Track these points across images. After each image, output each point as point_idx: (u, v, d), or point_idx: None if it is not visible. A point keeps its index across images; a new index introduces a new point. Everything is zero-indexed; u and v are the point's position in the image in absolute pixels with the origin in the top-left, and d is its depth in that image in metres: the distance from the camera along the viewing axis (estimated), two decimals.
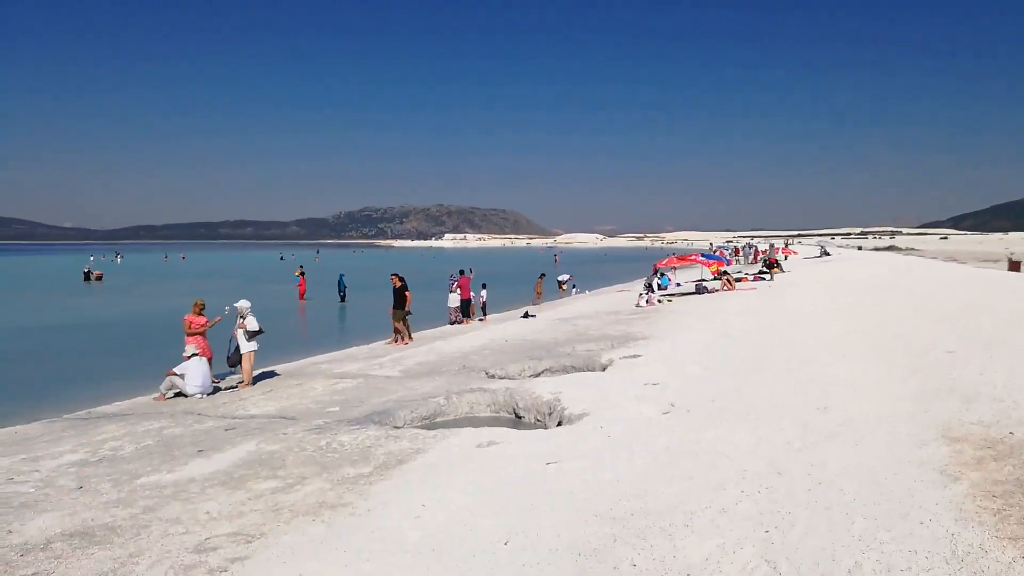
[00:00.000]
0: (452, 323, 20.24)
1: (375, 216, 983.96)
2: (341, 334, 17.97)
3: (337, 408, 9.12)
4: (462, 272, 22.14)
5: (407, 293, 16.22)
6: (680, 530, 4.53)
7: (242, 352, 11.20)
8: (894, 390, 8.19)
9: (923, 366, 9.47)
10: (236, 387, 11.13)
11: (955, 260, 50.97)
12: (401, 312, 16.14)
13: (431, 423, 8.61)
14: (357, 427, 7.77)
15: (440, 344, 15.02)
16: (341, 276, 31.13)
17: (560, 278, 34.42)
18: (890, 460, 5.65)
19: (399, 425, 8.23)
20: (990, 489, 4.90)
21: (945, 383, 8.35)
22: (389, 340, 16.32)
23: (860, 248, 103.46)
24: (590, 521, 4.77)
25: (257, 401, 9.89)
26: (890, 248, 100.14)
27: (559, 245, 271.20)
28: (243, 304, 11.32)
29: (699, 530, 4.50)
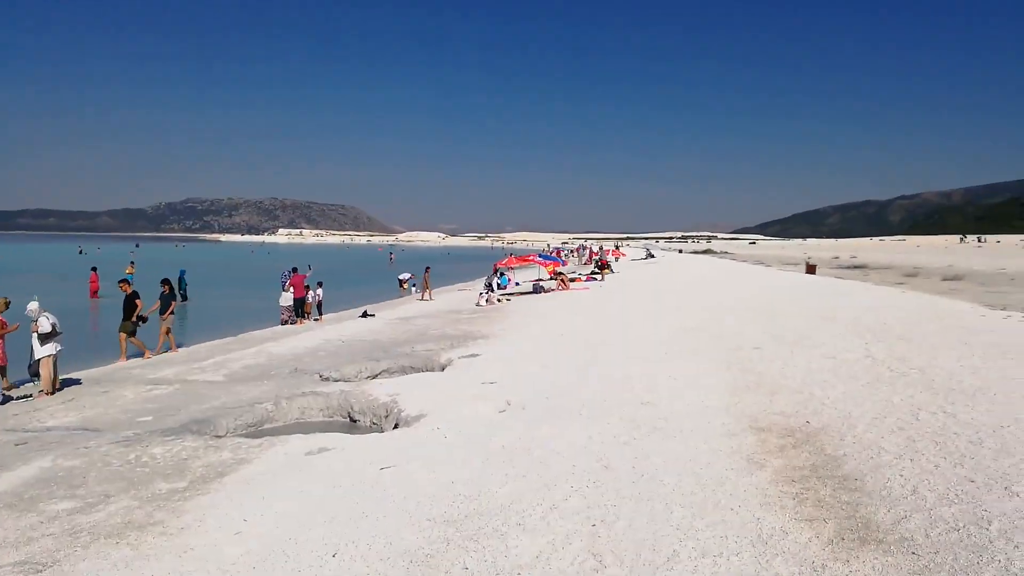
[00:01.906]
0: (284, 323, 19.30)
1: (200, 208, 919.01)
2: (182, 337, 16.50)
3: (150, 417, 8.33)
4: (295, 269, 21.19)
5: (137, 301, 13.51)
6: (512, 529, 4.55)
7: (36, 358, 9.96)
8: (710, 384, 8.82)
9: (735, 362, 10.29)
10: (31, 396, 9.87)
11: (762, 263, 56.28)
12: (128, 324, 13.40)
13: (257, 431, 8.10)
14: (172, 438, 7.14)
15: (270, 346, 14.25)
16: (182, 272, 28.45)
17: (401, 277, 34.01)
18: (705, 451, 6.05)
19: (221, 434, 7.67)
20: (790, 475, 5.37)
21: (753, 377, 9.11)
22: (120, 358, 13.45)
23: (681, 251, 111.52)
24: (424, 526, 4.68)
25: (55, 411, 8.82)
26: (707, 251, 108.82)
27: (402, 243, 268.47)
28: (32, 305, 10.05)
29: (530, 528, 4.55)
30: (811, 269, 38.95)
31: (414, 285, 33.31)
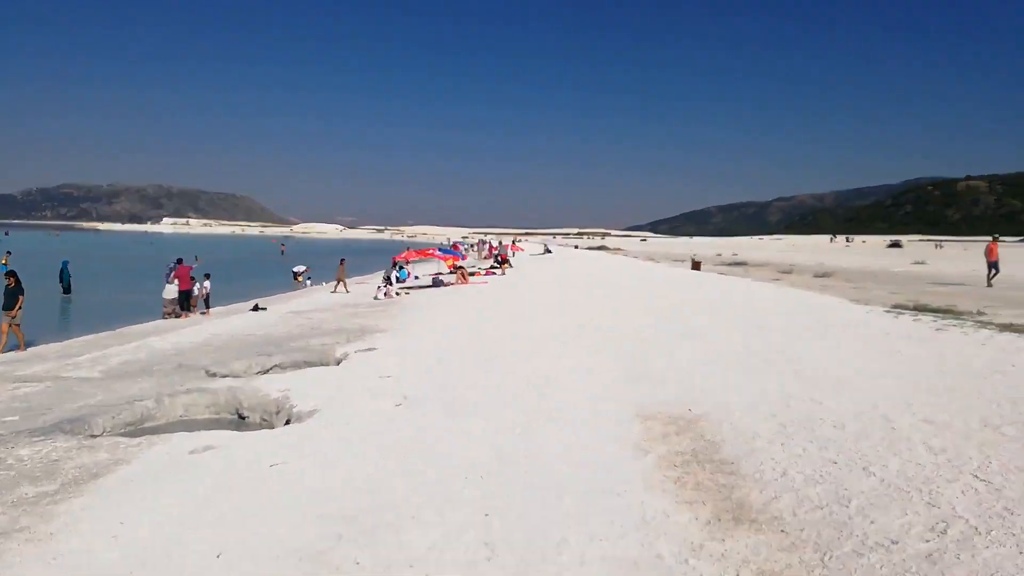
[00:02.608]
0: (168, 316, 18.33)
1: (77, 194, 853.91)
2: (57, 332, 15.23)
3: (16, 417, 7.73)
4: (180, 260, 20.16)
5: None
6: (407, 523, 4.56)
7: None
8: (602, 376, 9.11)
9: (625, 354, 10.67)
10: None
11: (653, 259, 58.38)
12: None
13: (137, 430, 7.68)
14: (42, 438, 6.66)
15: (153, 340, 13.52)
16: (64, 263, 26.22)
17: (295, 269, 33.01)
18: (595, 439, 6.27)
19: (96, 434, 7.22)
20: (673, 460, 5.65)
21: (642, 368, 9.49)
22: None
23: (577, 247, 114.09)
24: (316, 522, 4.61)
25: None
26: (601, 248, 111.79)
27: (297, 235, 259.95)
28: None
29: (425, 521, 4.58)
30: (696, 265, 40.74)
31: (309, 278, 32.41)
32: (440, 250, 34.24)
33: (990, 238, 27.69)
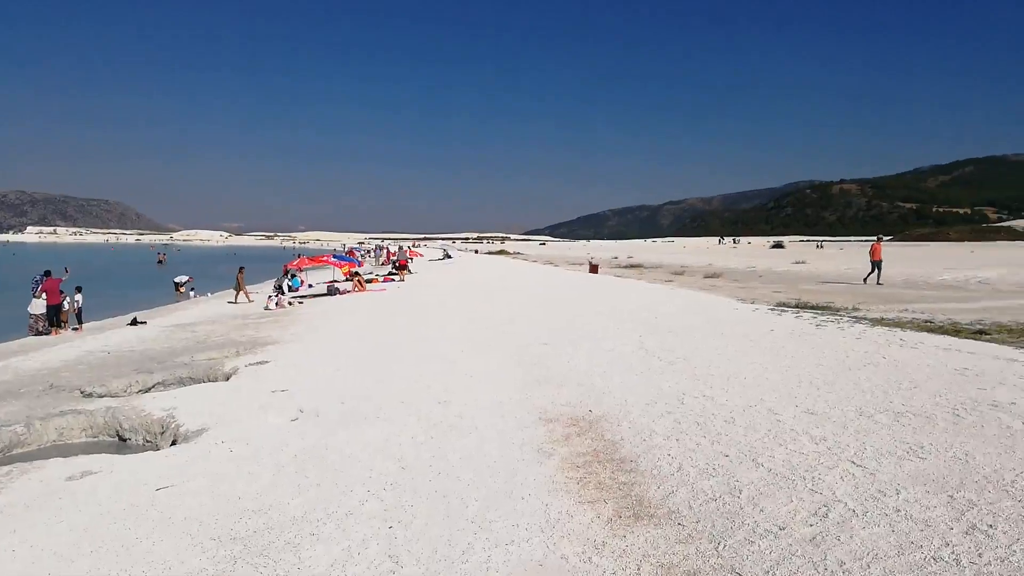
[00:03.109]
0: (37, 334, 16.97)
1: None
2: None
3: None
4: (48, 273, 18.72)
5: None
6: (306, 540, 4.40)
7: None
8: (505, 380, 9.14)
9: (527, 357, 10.76)
10: None
11: (551, 263, 59.39)
12: None
13: (5, 457, 7.05)
14: None
15: (18, 360, 12.46)
16: None
17: (177, 280, 31.35)
18: (499, 444, 6.27)
19: None
20: (575, 461, 5.73)
21: (543, 372, 9.59)
22: None
23: (477, 251, 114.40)
24: (208, 546, 4.36)
25: None
26: (501, 252, 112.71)
27: (178, 243, 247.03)
28: None
29: (325, 537, 4.43)
30: (594, 268, 41.75)
31: (192, 289, 30.90)
32: (335, 256, 33.47)
33: (874, 239, 29.60)
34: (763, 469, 5.31)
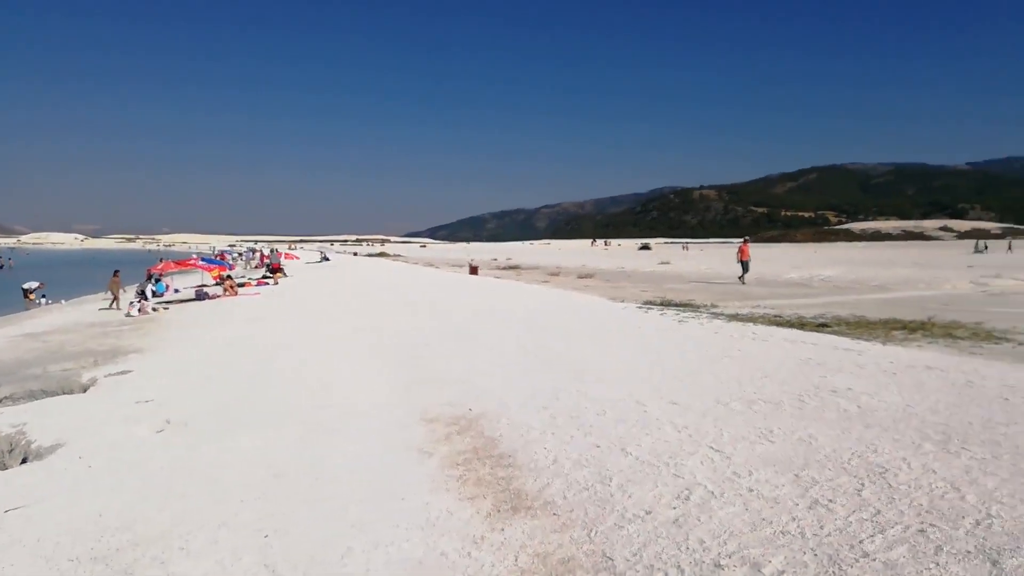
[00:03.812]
0: None
1: None
2: None
3: None
4: None
5: None
6: (175, 555, 4.23)
7: None
8: (387, 381, 9.11)
9: (408, 358, 10.75)
10: None
11: (432, 265, 59.22)
12: None
13: None
14: None
15: None
16: None
17: (25, 286, 28.70)
18: (379, 446, 6.26)
19: None
20: (455, 459, 5.83)
21: (424, 372, 9.63)
22: None
23: (356, 254, 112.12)
24: (65, 568, 4.11)
25: None
26: (381, 254, 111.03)
27: (27, 246, 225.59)
28: None
29: (196, 550, 4.28)
30: (474, 270, 42.08)
31: (44, 296, 28.44)
32: (203, 260, 31.84)
33: (741, 240, 31.52)
34: (631, 457, 5.63)
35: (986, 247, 69.88)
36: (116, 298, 23.23)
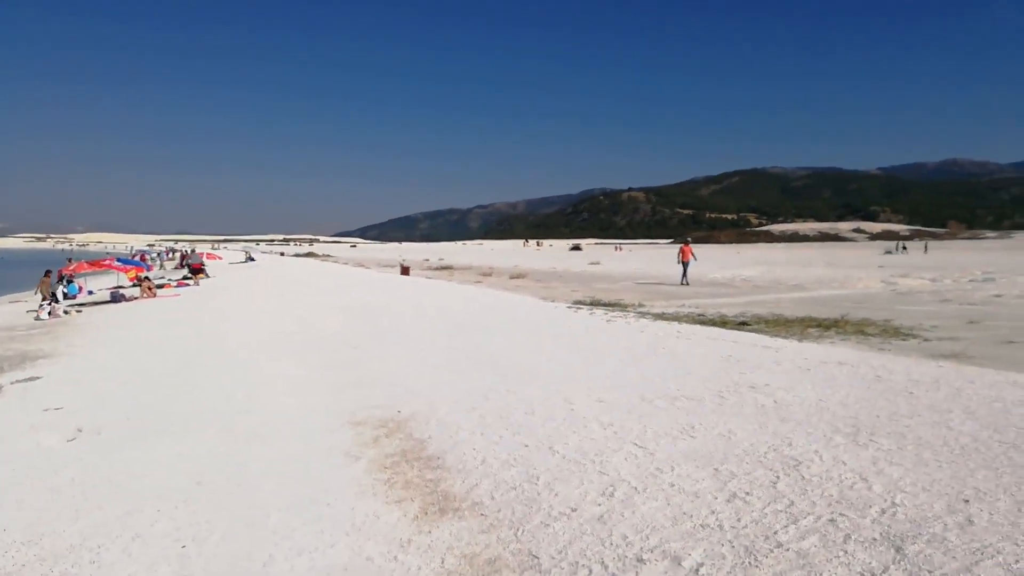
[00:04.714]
0: None
1: None
2: None
3: None
4: None
5: None
6: (85, 569, 4.05)
7: None
8: (315, 384, 8.93)
9: (337, 360, 10.58)
10: None
11: (362, 265, 58.41)
12: None
13: None
14: None
15: None
16: None
17: None
18: (305, 451, 6.14)
19: None
20: (383, 462, 5.78)
21: (353, 374, 9.49)
22: None
23: (283, 254, 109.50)
24: None
25: None
26: (309, 254, 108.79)
27: None
28: None
29: (108, 563, 4.10)
30: (405, 270, 41.74)
31: None
32: (119, 260, 30.51)
33: (683, 242, 32.03)
34: (559, 456, 5.71)
35: (905, 248, 74.37)
36: (46, 298, 22.02)
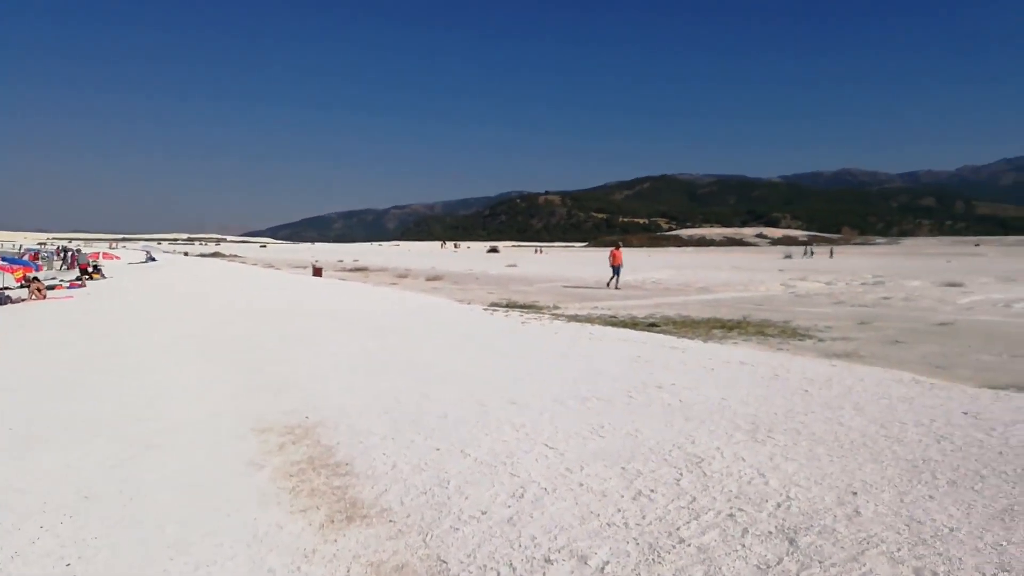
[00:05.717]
0: None
1: None
2: None
3: None
4: None
5: None
6: None
7: None
8: (219, 390, 8.58)
9: (244, 364, 10.20)
10: None
11: (273, 266, 56.66)
12: None
13: None
14: None
15: None
16: None
17: None
18: (205, 460, 5.88)
19: None
20: (288, 470, 5.60)
21: (261, 379, 9.18)
22: None
23: (187, 254, 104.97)
24: None
25: None
26: (215, 254, 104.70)
27: None
28: None
29: None
30: (318, 272, 40.75)
31: None
32: (5, 259, 28.43)
33: (614, 245, 31.56)
34: (470, 459, 5.69)
35: (812, 252, 78.79)
36: None
